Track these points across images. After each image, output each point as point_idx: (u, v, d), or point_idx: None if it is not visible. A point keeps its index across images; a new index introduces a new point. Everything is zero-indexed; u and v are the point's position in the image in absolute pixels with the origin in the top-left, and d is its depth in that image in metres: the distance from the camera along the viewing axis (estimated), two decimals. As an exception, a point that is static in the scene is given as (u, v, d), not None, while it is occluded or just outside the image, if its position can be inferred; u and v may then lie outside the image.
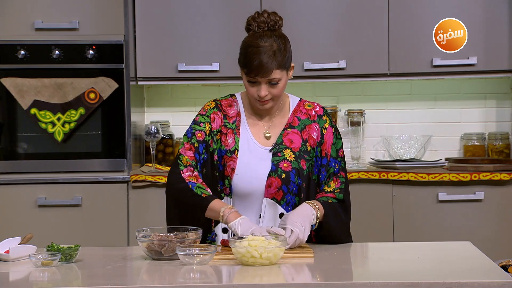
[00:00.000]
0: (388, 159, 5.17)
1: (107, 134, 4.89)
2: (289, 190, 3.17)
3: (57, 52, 4.85)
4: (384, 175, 4.82)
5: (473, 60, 4.94)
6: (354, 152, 5.12)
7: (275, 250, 2.76)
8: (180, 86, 5.33)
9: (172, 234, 2.88)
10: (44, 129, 4.85)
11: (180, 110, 5.36)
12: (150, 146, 4.97)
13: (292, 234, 2.97)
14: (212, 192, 3.13)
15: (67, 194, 4.83)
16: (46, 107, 4.84)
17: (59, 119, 4.85)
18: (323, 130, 3.25)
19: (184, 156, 3.16)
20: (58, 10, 4.86)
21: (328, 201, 3.16)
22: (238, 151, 3.19)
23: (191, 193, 3.08)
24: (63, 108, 4.84)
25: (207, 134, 3.20)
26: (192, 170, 3.14)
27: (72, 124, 4.85)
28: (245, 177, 3.17)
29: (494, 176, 4.78)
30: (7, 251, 2.92)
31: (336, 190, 3.20)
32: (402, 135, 5.24)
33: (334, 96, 5.34)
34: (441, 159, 5.10)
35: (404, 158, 5.14)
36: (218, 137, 3.22)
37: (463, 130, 5.31)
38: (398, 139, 5.21)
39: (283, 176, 3.16)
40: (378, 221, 4.83)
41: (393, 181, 4.83)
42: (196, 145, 3.18)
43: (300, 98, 3.33)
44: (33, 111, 4.84)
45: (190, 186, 3.09)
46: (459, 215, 4.81)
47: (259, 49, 3.10)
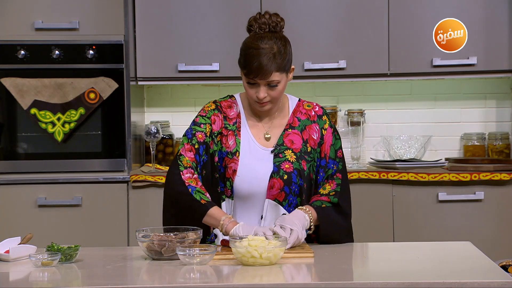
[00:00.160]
0: (388, 159, 5.17)
1: (107, 134, 4.89)
2: (291, 191, 3.17)
3: (57, 52, 4.84)
4: (384, 175, 4.82)
5: (473, 60, 4.94)
6: (354, 152, 5.12)
7: (275, 250, 2.76)
8: (180, 86, 5.33)
9: (172, 234, 2.87)
10: (44, 129, 4.84)
11: (180, 110, 5.36)
12: (150, 146, 4.97)
13: (292, 234, 2.97)
14: (212, 194, 3.13)
15: (67, 194, 4.82)
16: (46, 107, 4.84)
17: (59, 119, 4.84)
18: (323, 130, 3.25)
19: (185, 157, 3.15)
20: (58, 10, 4.86)
21: (322, 205, 3.15)
22: (239, 153, 3.19)
23: (190, 197, 3.07)
24: (63, 108, 4.84)
25: (208, 136, 3.19)
26: (192, 172, 3.13)
27: (72, 124, 4.85)
28: (246, 178, 3.16)
29: (494, 176, 4.78)
30: (7, 251, 2.92)
31: (331, 193, 3.18)
32: (402, 135, 5.23)
33: (334, 96, 5.34)
34: (441, 159, 5.10)
35: (404, 158, 5.14)
36: (219, 138, 3.21)
37: (463, 130, 5.31)
38: (398, 139, 5.20)
39: (285, 177, 3.16)
40: (378, 221, 4.83)
41: (393, 181, 4.83)
42: (196, 146, 3.17)
43: (299, 98, 3.32)
44: (33, 111, 4.84)
45: (190, 190, 3.08)
46: (459, 215, 4.81)
47: (259, 51, 3.09)
